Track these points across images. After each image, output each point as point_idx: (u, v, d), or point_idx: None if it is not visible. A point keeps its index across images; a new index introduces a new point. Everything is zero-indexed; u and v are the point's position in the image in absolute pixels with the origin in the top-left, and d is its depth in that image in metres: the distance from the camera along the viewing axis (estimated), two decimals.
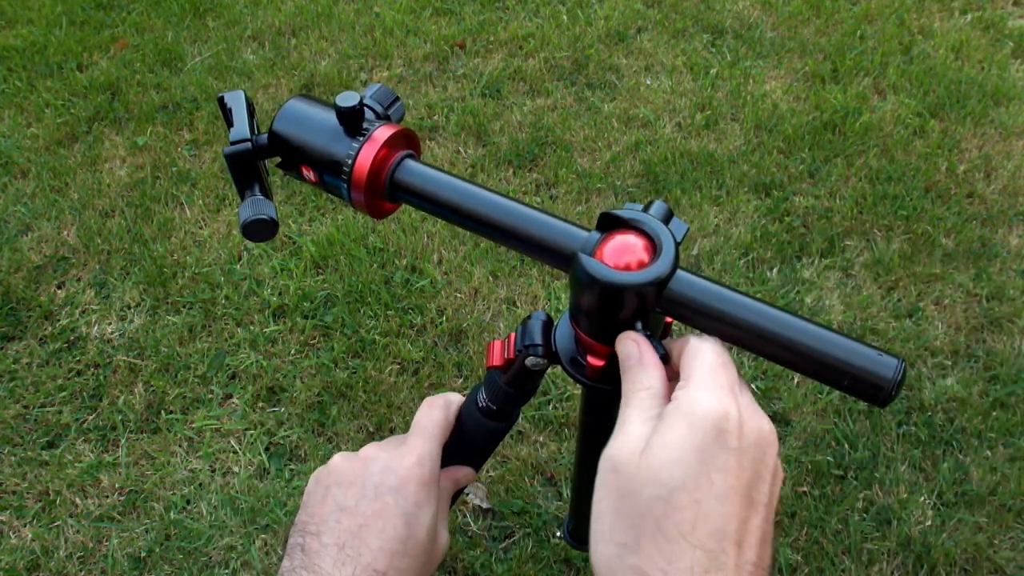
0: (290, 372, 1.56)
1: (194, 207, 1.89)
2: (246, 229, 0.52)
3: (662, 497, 0.37)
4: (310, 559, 0.49)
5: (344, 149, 0.52)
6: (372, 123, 0.53)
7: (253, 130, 0.54)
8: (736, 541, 0.36)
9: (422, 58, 2.30)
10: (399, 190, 0.53)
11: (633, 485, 0.38)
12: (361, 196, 0.52)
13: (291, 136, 0.54)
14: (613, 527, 0.38)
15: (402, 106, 0.57)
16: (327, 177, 0.53)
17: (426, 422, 0.57)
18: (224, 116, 0.55)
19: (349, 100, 0.51)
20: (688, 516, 0.36)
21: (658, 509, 0.37)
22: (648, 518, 0.37)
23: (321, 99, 0.55)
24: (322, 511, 0.52)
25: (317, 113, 0.54)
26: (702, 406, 0.39)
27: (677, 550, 0.36)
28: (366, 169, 0.51)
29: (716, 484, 0.37)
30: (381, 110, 0.55)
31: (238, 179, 0.54)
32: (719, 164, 1.95)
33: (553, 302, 1.67)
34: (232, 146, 0.52)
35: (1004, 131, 2.02)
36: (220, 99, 0.56)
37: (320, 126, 0.53)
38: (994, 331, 1.61)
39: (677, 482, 0.37)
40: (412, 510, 0.52)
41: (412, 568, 0.51)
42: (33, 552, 1.33)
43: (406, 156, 0.53)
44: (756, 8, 2.45)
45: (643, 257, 0.44)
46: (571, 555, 1.31)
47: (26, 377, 1.57)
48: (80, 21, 2.46)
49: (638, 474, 0.38)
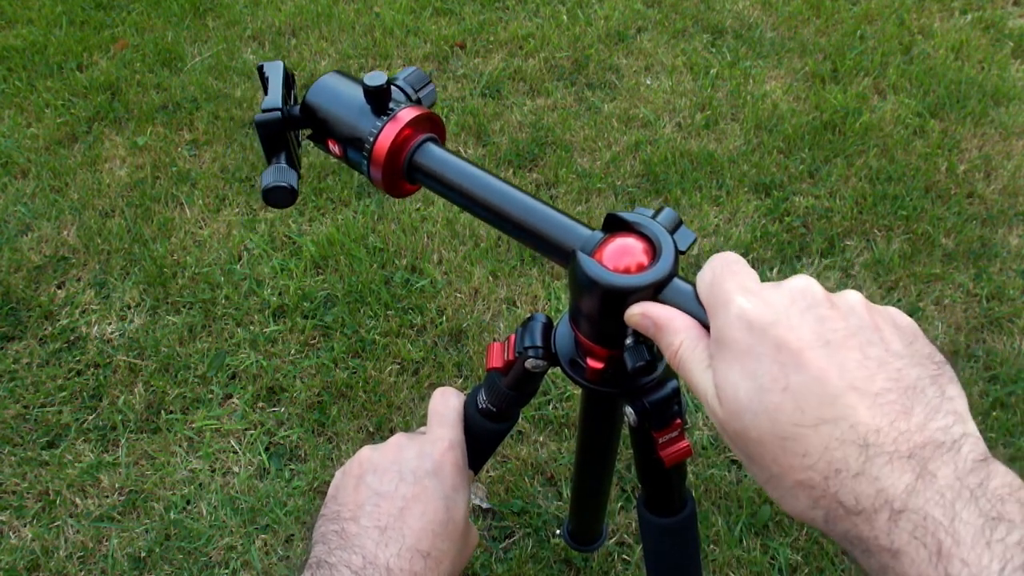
0: (290, 372, 1.56)
1: (194, 207, 1.89)
2: (266, 194, 0.53)
3: (764, 427, 0.35)
4: (349, 541, 0.48)
5: (368, 126, 0.53)
6: (399, 104, 0.54)
7: (288, 100, 0.55)
8: (855, 386, 0.34)
9: (422, 58, 2.30)
10: (417, 171, 0.54)
11: (739, 434, 0.36)
12: (380, 174, 0.53)
13: (321, 109, 0.55)
14: (761, 472, 0.36)
15: (434, 91, 0.58)
16: (351, 152, 0.54)
17: (445, 410, 0.57)
18: (263, 84, 0.56)
19: (377, 79, 0.52)
20: (793, 415, 0.34)
21: (768, 436, 0.35)
22: (768, 452, 0.35)
23: (356, 77, 0.56)
24: (357, 498, 0.51)
25: (349, 89, 0.55)
26: (728, 331, 0.37)
27: (816, 446, 0.33)
28: (386, 148, 0.52)
29: (791, 379, 0.34)
30: (412, 93, 0.56)
31: (267, 146, 0.55)
32: (719, 164, 1.95)
33: (553, 302, 1.67)
34: (262, 114, 0.53)
35: (1004, 131, 2.02)
36: (259, 68, 0.57)
37: (349, 102, 0.54)
38: (994, 331, 1.61)
39: (760, 407, 0.35)
40: (450, 493, 0.52)
41: (450, 553, 0.50)
42: (33, 552, 1.33)
43: (428, 139, 0.54)
44: (756, 8, 2.45)
45: (642, 261, 0.44)
46: (571, 555, 1.31)
47: (26, 377, 1.57)
48: (80, 21, 2.46)
49: (732, 421, 0.36)
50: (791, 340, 0.35)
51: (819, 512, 0.34)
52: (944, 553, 0.30)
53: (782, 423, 0.34)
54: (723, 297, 0.38)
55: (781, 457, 0.34)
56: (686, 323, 0.41)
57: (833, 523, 0.34)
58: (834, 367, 0.34)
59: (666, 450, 0.55)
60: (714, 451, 1.42)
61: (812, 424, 0.33)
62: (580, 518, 0.93)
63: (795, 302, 0.37)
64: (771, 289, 0.38)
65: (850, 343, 0.35)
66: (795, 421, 0.34)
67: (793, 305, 0.37)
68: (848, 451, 0.33)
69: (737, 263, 0.40)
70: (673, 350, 0.41)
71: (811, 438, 0.33)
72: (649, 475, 0.67)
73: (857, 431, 0.33)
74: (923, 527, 0.31)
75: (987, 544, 0.29)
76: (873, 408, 0.33)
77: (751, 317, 0.36)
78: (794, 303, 0.37)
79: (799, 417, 0.34)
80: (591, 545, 0.98)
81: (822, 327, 0.35)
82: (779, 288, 0.38)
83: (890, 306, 0.39)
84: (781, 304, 0.37)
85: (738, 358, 0.36)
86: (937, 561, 0.30)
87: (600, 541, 0.98)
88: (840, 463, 0.33)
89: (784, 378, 0.34)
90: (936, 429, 0.33)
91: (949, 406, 0.34)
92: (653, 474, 0.67)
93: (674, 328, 0.41)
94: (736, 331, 0.37)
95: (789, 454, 0.34)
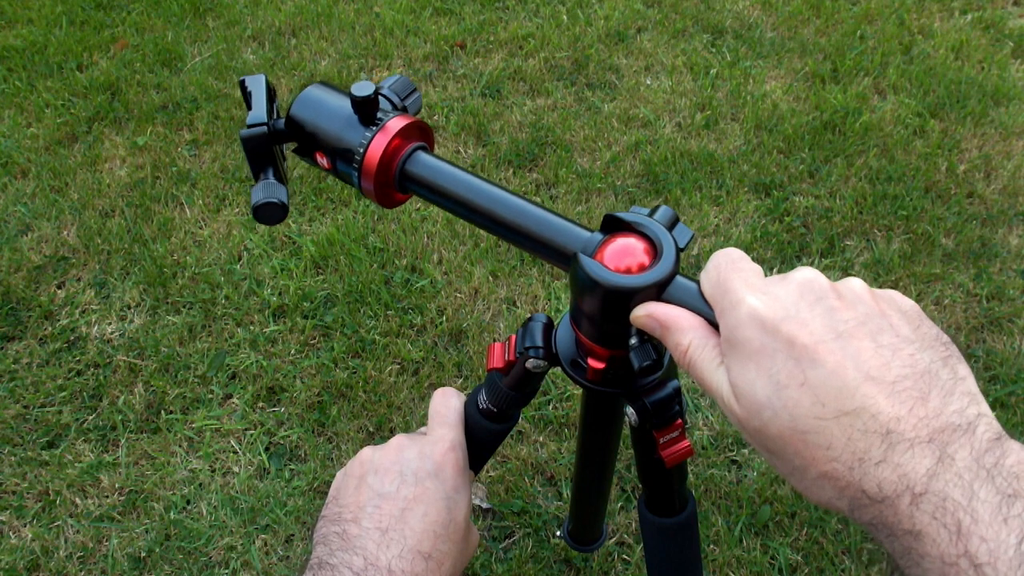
0: (290, 372, 1.56)
1: (194, 207, 1.89)
2: (257, 211, 0.52)
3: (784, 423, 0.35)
4: (350, 543, 0.48)
5: (357, 138, 0.52)
6: (387, 113, 0.53)
7: (271, 114, 0.54)
8: (871, 376, 0.34)
9: (422, 58, 2.30)
10: (408, 181, 0.53)
11: (759, 431, 0.36)
12: (371, 185, 0.53)
13: (307, 122, 0.54)
14: (784, 465, 0.36)
15: (419, 98, 0.57)
16: (340, 164, 0.54)
17: (446, 411, 0.57)
18: (244, 99, 0.55)
19: (364, 89, 0.52)
20: (813, 409, 0.34)
21: (789, 431, 0.35)
22: (789, 446, 0.35)
23: (340, 87, 0.56)
24: (358, 499, 0.51)
25: (334, 101, 0.54)
26: (740, 330, 0.37)
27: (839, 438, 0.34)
28: (377, 158, 0.52)
29: (808, 375, 0.34)
30: (398, 101, 0.56)
31: (253, 162, 0.54)
32: (719, 164, 1.95)
33: (553, 302, 1.67)
34: (248, 129, 0.53)
35: (1004, 131, 2.02)
36: (241, 82, 0.56)
37: (336, 114, 0.54)
38: (994, 331, 1.61)
39: (779, 404, 0.35)
40: (451, 494, 0.52)
41: (452, 554, 0.50)
42: (33, 552, 1.33)
43: (418, 148, 0.54)
44: (756, 8, 2.45)
45: (643, 261, 0.44)
46: (571, 555, 1.31)
47: (26, 377, 1.57)
48: (80, 21, 2.46)
49: (751, 420, 0.36)
50: (804, 335, 0.35)
51: (844, 502, 0.35)
52: (963, 532, 0.31)
53: (802, 418, 0.34)
54: (731, 296, 0.38)
55: (804, 451, 0.35)
56: (693, 322, 0.41)
57: (858, 511, 0.34)
58: (849, 359, 0.34)
59: (667, 450, 0.55)
60: (714, 451, 1.42)
61: (833, 417, 0.34)
62: (580, 518, 0.93)
63: (803, 296, 0.37)
64: (777, 284, 0.38)
65: (861, 333, 0.35)
66: (816, 415, 0.34)
67: (802, 299, 0.37)
68: (871, 441, 0.33)
69: (741, 259, 0.40)
70: (682, 350, 0.41)
71: (833, 430, 0.34)
72: (650, 475, 0.67)
73: (878, 420, 0.33)
74: (943, 508, 0.31)
75: (1004, 520, 0.30)
76: (892, 397, 0.33)
77: (762, 315, 0.36)
78: (802, 297, 0.37)
79: (819, 411, 0.34)
80: (591, 545, 0.98)
81: (832, 319, 0.36)
82: (785, 282, 0.38)
83: (890, 289, 0.39)
84: (790, 299, 0.37)
85: (752, 357, 0.36)
86: (957, 539, 0.31)
87: (600, 541, 0.98)
88: (863, 453, 0.33)
89: (801, 374, 0.35)
90: (952, 412, 0.33)
91: (962, 387, 0.34)
92: (654, 474, 0.67)
93: (681, 327, 0.41)
94: (748, 330, 0.37)
95: (812, 447, 0.34)
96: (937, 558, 0.31)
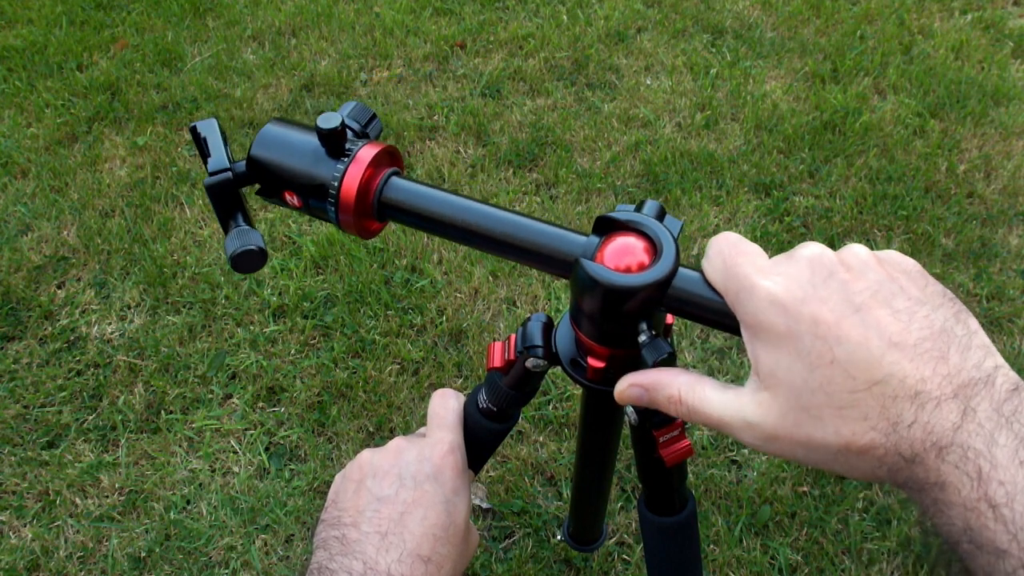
0: (290, 372, 1.56)
1: (194, 207, 1.89)
2: (235, 261, 0.50)
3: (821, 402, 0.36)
4: (349, 547, 0.48)
5: (328, 172, 0.50)
6: (354, 143, 0.51)
7: (230, 158, 0.52)
8: (894, 342, 0.35)
9: (422, 58, 2.30)
10: (388, 208, 0.52)
11: (799, 423, 0.37)
12: (350, 218, 0.51)
13: (271, 161, 0.52)
14: (825, 455, 0.37)
15: (379, 123, 0.55)
16: (313, 201, 0.52)
17: (445, 412, 0.56)
18: (198, 147, 0.53)
19: (331, 121, 0.49)
20: (846, 384, 0.35)
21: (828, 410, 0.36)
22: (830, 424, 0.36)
23: (298, 121, 0.54)
24: (357, 503, 0.51)
25: (296, 136, 0.52)
26: (762, 316, 0.37)
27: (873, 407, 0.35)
28: (354, 191, 0.50)
29: (836, 352, 0.35)
30: (359, 128, 0.53)
31: (220, 210, 0.51)
32: (719, 164, 1.95)
33: (553, 302, 1.67)
34: (212, 177, 0.50)
35: (1004, 131, 2.02)
36: (193, 129, 0.53)
37: (301, 149, 0.51)
38: (994, 331, 1.61)
39: (815, 384, 0.36)
40: (451, 497, 0.51)
41: (451, 556, 0.50)
42: (33, 552, 1.33)
43: (392, 174, 0.52)
44: (756, 8, 2.45)
45: (644, 259, 0.44)
46: (571, 555, 1.31)
47: (26, 377, 1.57)
48: (80, 21, 2.46)
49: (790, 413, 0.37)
50: (825, 313, 0.36)
51: (883, 469, 0.35)
52: (984, 477, 0.32)
53: (837, 394, 0.35)
54: (743, 281, 0.39)
55: (843, 427, 0.35)
56: (671, 374, 0.42)
57: (895, 475, 0.35)
58: (872, 330, 0.35)
59: (667, 449, 0.55)
60: (714, 451, 1.42)
61: (865, 388, 0.35)
62: (580, 518, 0.93)
63: (815, 273, 0.37)
64: (786, 263, 0.39)
65: (877, 302, 0.36)
66: (849, 388, 0.35)
67: (815, 276, 0.37)
68: (902, 405, 0.34)
69: (741, 242, 0.41)
70: (676, 399, 0.41)
71: (868, 401, 0.35)
72: (650, 475, 0.67)
73: (906, 384, 0.34)
74: (965, 458, 0.33)
75: (1021, 463, 0.32)
76: (915, 359, 0.34)
77: (782, 299, 0.37)
78: (815, 274, 0.37)
79: (852, 384, 0.35)
80: (591, 545, 0.98)
81: (848, 293, 0.36)
82: (793, 260, 0.39)
83: (889, 250, 0.40)
84: (804, 278, 0.37)
85: (781, 342, 0.37)
86: (977, 485, 0.32)
87: (600, 541, 0.98)
88: (896, 417, 0.34)
89: (829, 352, 0.35)
90: (972, 367, 0.34)
91: (976, 340, 0.35)
92: (654, 474, 0.67)
93: (664, 383, 0.42)
94: (771, 315, 0.37)
95: (850, 421, 0.35)
96: (960, 505, 0.32)
